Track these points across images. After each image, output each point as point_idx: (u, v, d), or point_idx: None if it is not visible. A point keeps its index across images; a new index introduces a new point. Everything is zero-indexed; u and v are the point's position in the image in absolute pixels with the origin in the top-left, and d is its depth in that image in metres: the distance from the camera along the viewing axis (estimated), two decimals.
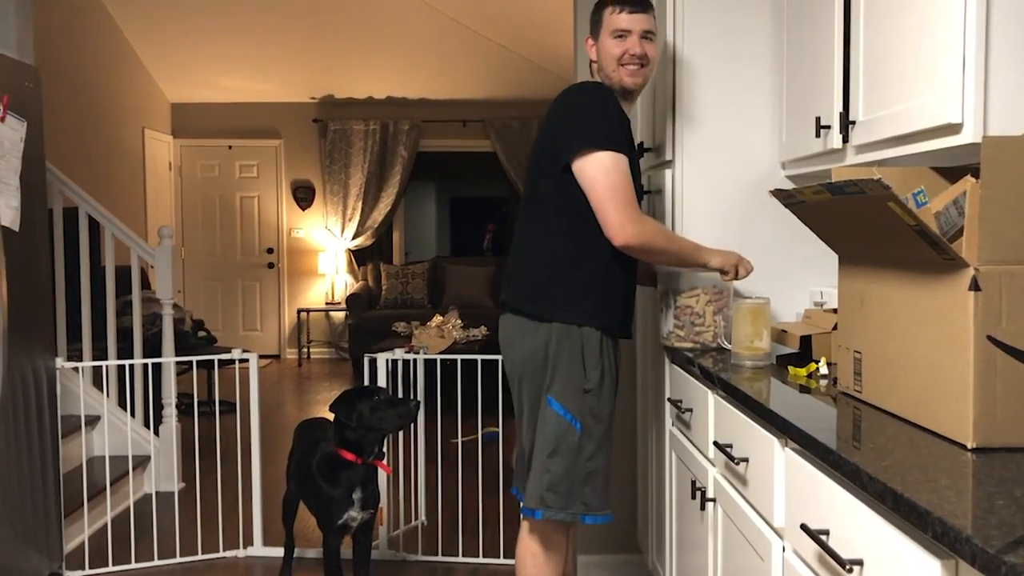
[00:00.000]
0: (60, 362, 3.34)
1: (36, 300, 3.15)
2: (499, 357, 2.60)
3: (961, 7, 1.62)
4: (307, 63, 8.10)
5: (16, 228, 3.00)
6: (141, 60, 8.04)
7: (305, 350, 9.04)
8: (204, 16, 7.21)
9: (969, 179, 1.49)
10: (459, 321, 6.77)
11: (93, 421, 4.29)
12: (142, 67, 8.12)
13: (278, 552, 3.48)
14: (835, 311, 2.22)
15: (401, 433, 3.91)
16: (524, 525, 2.43)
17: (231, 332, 9.03)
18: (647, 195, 3.01)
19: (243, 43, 7.70)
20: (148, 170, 8.18)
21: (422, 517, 3.99)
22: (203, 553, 3.65)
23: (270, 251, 9.07)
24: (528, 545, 2.41)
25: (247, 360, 3.71)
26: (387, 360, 3.60)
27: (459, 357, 3.76)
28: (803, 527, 1.44)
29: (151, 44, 7.79)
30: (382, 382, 3.53)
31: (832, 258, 2.56)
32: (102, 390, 4.36)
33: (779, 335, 2.34)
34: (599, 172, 2.24)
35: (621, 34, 2.32)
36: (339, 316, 9.04)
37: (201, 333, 6.66)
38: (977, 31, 1.60)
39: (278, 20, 7.28)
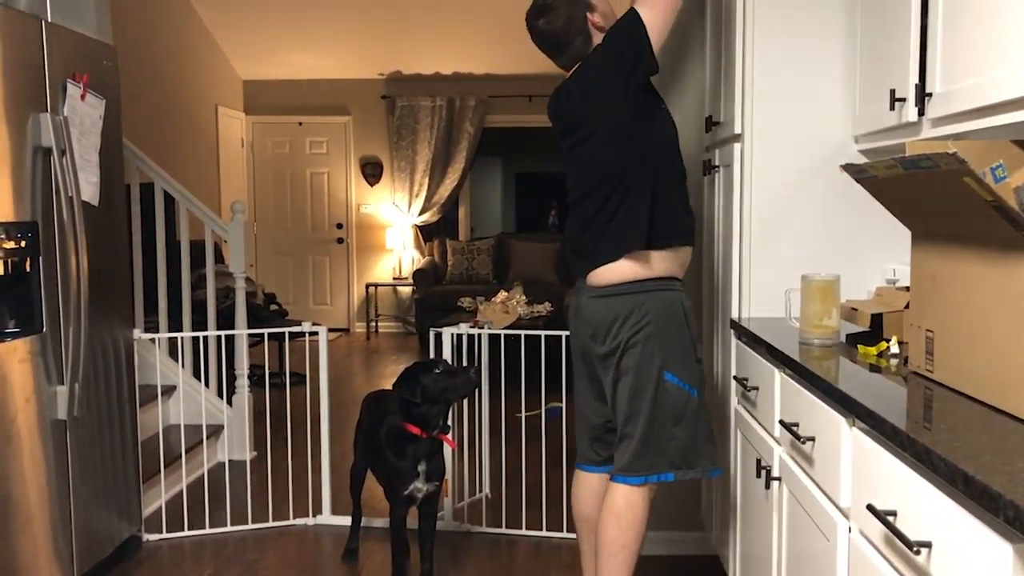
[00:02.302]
0: (137, 333, 3.45)
1: (114, 274, 3.26)
2: (564, 333, 2.61)
3: None
4: (375, 40, 8.16)
5: (95, 203, 3.10)
6: (215, 38, 8.19)
7: (373, 324, 9.17)
8: None
9: None
10: (523, 297, 6.79)
11: (169, 391, 4.42)
12: (216, 45, 8.27)
13: (346, 521, 3.56)
14: (907, 289, 2.17)
15: (466, 407, 3.94)
16: (618, 492, 2.39)
17: (302, 306, 9.21)
18: (715, 170, 2.96)
19: (313, 21, 7.78)
20: (221, 146, 8.35)
21: (486, 490, 4.03)
22: (274, 520, 3.75)
23: (339, 227, 9.20)
24: (630, 509, 2.38)
25: (317, 333, 3.78)
26: (452, 335, 3.64)
27: (523, 332, 3.78)
28: (870, 508, 1.41)
29: (224, 23, 7.93)
30: (447, 356, 3.56)
31: (905, 235, 2.50)
32: (178, 361, 4.49)
33: (849, 313, 2.29)
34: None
35: None
36: (406, 291, 9.15)
37: (273, 306, 6.80)
38: None
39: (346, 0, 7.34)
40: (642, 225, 2.31)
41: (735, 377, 2.58)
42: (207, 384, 4.60)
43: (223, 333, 4.28)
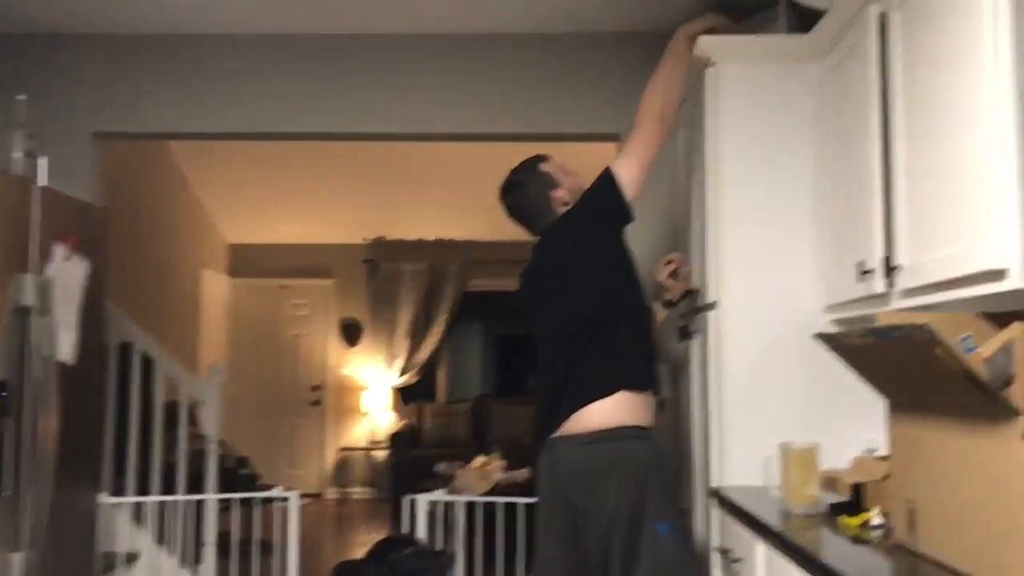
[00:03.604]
0: (103, 497, 3.35)
1: (86, 435, 3.20)
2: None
3: (1000, 154, 1.65)
4: (360, 206, 8.38)
5: (73, 362, 3.08)
6: (203, 204, 8.39)
7: (346, 490, 8.95)
8: (263, 165, 7.55)
9: (1018, 325, 1.47)
10: (502, 462, 6.68)
11: (134, 558, 4.24)
12: (203, 210, 8.46)
13: None
14: (885, 458, 2.17)
15: None
16: None
17: (274, 470, 8.99)
18: (691, 336, 3.00)
19: (299, 189, 8.02)
20: (203, 308, 8.39)
21: None
22: None
23: (316, 388, 9.13)
24: None
25: (287, 499, 3.68)
26: (427, 501, 3.55)
27: (501, 500, 3.70)
28: None
29: (213, 189, 8.14)
30: (422, 524, 3.46)
31: (880, 403, 2.51)
32: (146, 525, 4.33)
33: (829, 482, 2.28)
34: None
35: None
36: (381, 455, 8.98)
37: (244, 471, 6.64)
38: (1020, 178, 1.62)
39: (333, 167, 7.59)
40: (624, 368, 2.34)
41: (717, 548, 2.52)
42: (173, 551, 4.42)
43: (191, 498, 4.16)
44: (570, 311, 2.41)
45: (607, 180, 2.41)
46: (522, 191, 2.58)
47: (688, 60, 2.67)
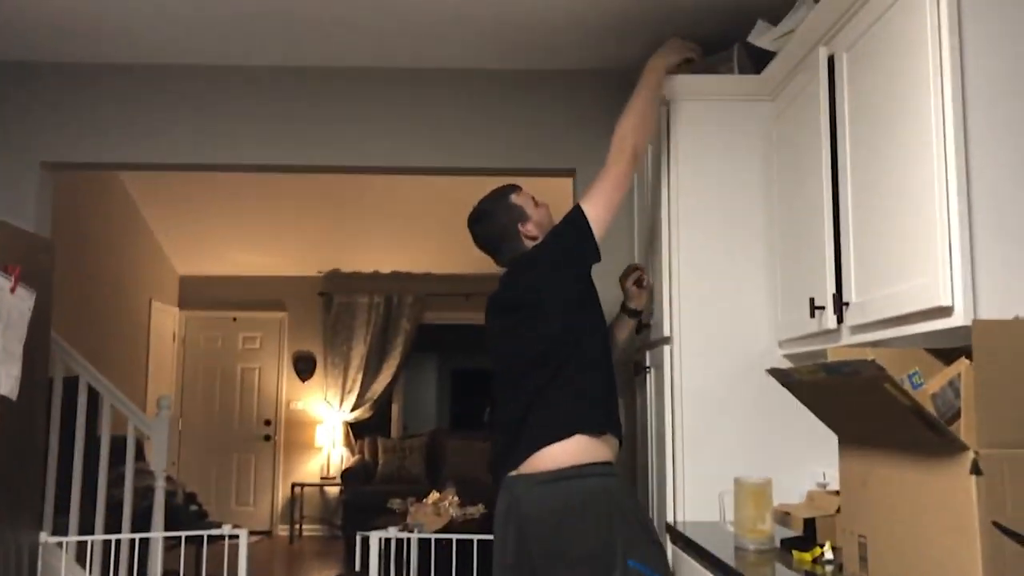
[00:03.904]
0: (44, 536, 3.25)
1: (27, 472, 3.11)
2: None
3: (944, 194, 1.69)
4: (315, 239, 8.33)
5: (14, 397, 3.00)
6: (154, 234, 8.28)
7: (298, 526, 8.78)
8: (217, 195, 7.48)
9: (963, 361, 1.50)
10: (456, 498, 6.62)
11: None
12: (155, 241, 8.34)
13: None
14: (838, 492, 2.18)
15: None
16: None
17: (224, 506, 8.81)
18: (646, 371, 3.02)
19: (253, 220, 7.95)
20: (152, 340, 8.23)
21: None
22: None
23: (268, 423, 8.99)
24: None
25: (237, 536, 3.61)
26: (380, 538, 3.50)
27: (455, 536, 3.66)
28: None
29: (165, 219, 8.04)
30: (374, 561, 3.41)
31: (833, 438, 2.54)
32: (86, 568, 4.20)
33: (782, 517, 2.29)
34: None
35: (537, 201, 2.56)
36: (334, 491, 8.84)
37: (193, 507, 6.49)
38: (960, 217, 1.66)
39: (288, 199, 7.54)
40: (581, 411, 2.28)
41: None
42: None
43: (137, 536, 4.05)
44: (528, 347, 2.37)
45: (575, 219, 2.39)
46: (491, 221, 2.54)
47: (660, 94, 2.66)
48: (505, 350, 2.46)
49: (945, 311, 1.68)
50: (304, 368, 9.03)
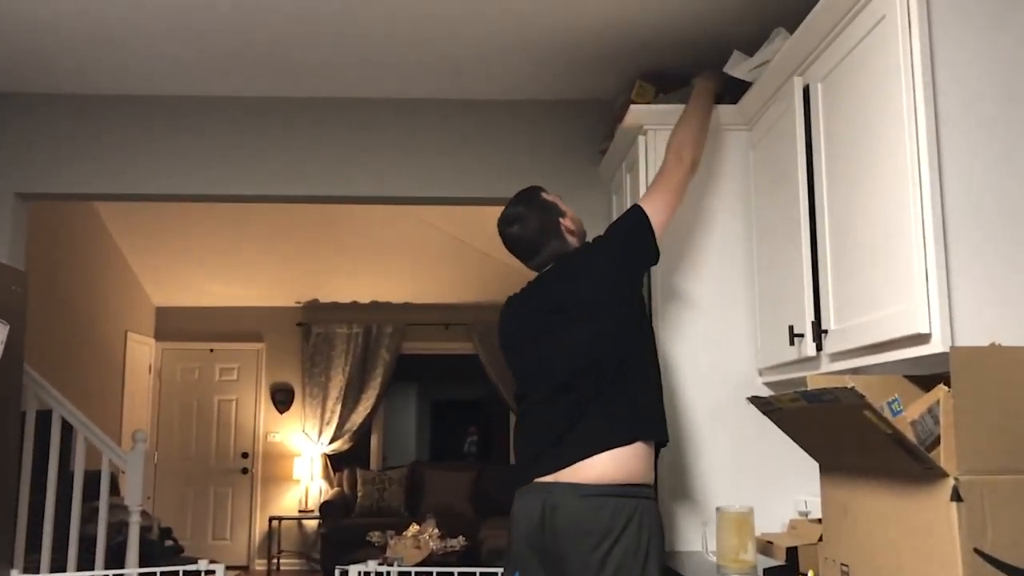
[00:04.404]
0: (15, 575, 3.18)
1: None
2: (479, 570, 2.48)
3: (919, 222, 1.70)
4: (292, 269, 8.29)
5: None
6: (130, 265, 8.21)
7: (275, 561, 8.65)
8: (194, 226, 7.44)
9: (942, 388, 1.50)
10: (436, 531, 6.56)
11: None
12: (130, 272, 8.27)
13: None
14: (820, 521, 2.18)
15: None
16: None
17: (200, 541, 8.67)
18: None
19: (230, 251, 7.90)
20: (128, 372, 8.14)
21: None
22: None
23: (245, 455, 8.89)
24: None
25: (214, 572, 3.54)
26: (359, 572, 3.45)
27: (435, 570, 3.61)
28: None
29: (140, 250, 7.98)
30: None
31: (815, 466, 2.54)
32: None
33: (764, 546, 2.28)
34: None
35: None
36: (312, 524, 8.73)
37: (168, 542, 6.39)
38: (936, 244, 1.68)
39: (265, 229, 7.51)
40: (642, 417, 2.20)
41: None
42: None
43: (111, 573, 3.97)
44: (580, 349, 2.23)
45: (639, 219, 2.35)
46: (530, 220, 2.41)
47: (711, 114, 2.69)
48: (547, 352, 2.30)
49: (923, 338, 1.69)
50: (282, 399, 8.95)
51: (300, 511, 8.74)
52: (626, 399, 2.19)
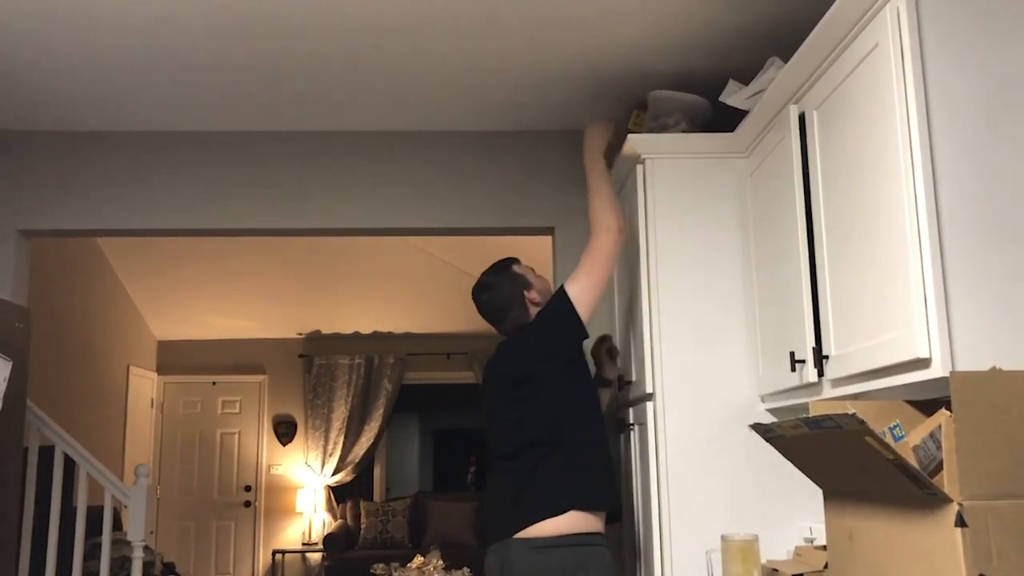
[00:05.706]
0: None
1: (0, 544, 3.03)
2: None
3: (917, 247, 1.71)
4: (294, 301, 8.30)
5: None
6: (132, 299, 8.22)
7: None
8: (195, 259, 7.46)
9: (944, 412, 1.51)
10: (441, 562, 6.51)
11: None
12: (132, 307, 8.28)
13: None
14: (826, 548, 2.17)
15: None
16: None
17: (203, 575, 8.62)
18: (630, 428, 3.01)
19: (232, 284, 7.92)
20: (130, 407, 8.13)
21: None
22: None
23: (248, 488, 8.85)
24: None
25: None
26: None
27: None
28: None
29: (142, 285, 7.99)
30: None
31: (818, 492, 2.53)
32: None
33: (770, 574, 2.27)
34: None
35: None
36: (316, 557, 8.68)
37: None
38: (934, 269, 1.69)
39: (267, 263, 7.53)
40: (577, 488, 2.40)
41: None
42: None
43: None
44: (529, 421, 2.48)
45: (560, 302, 2.52)
46: (497, 290, 2.69)
47: (608, 175, 2.79)
48: (507, 420, 2.55)
49: (923, 363, 1.70)
50: (284, 432, 8.93)
51: (304, 544, 8.69)
52: (563, 471, 2.43)
